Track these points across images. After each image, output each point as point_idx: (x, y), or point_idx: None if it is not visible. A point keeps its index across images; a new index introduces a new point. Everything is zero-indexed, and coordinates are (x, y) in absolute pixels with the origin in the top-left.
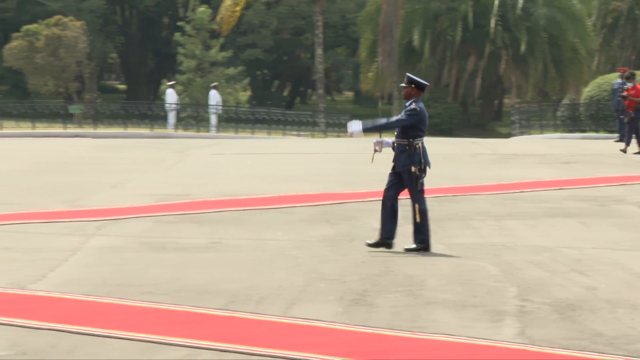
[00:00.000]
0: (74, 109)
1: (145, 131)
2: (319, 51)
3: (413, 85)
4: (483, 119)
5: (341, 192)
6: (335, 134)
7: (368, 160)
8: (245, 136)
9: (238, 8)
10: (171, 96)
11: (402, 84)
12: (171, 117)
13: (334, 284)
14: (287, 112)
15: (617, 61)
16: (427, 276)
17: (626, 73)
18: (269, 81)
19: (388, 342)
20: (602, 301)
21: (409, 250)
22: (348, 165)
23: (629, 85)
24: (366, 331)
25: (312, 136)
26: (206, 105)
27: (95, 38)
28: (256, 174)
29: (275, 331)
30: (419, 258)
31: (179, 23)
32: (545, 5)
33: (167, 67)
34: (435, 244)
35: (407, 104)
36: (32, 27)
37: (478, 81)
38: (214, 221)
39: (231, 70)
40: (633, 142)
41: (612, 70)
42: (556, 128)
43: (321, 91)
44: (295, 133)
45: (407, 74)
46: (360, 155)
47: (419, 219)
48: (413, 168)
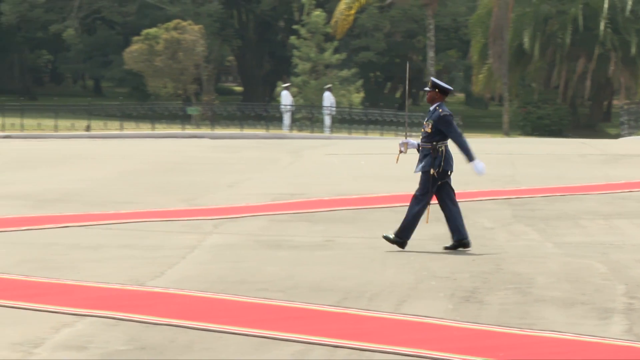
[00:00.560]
0: (192, 111)
1: (261, 132)
2: (431, 53)
3: (437, 89)
4: (592, 120)
5: None
6: None
7: (482, 160)
8: (358, 137)
9: (352, 12)
10: (286, 98)
11: (426, 88)
12: (286, 118)
13: (445, 282)
14: (399, 113)
15: None
16: (536, 274)
17: None
18: (382, 83)
19: (497, 339)
20: None
21: (386, 238)
22: (459, 165)
23: None
24: (476, 328)
25: None
26: (320, 106)
27: (212, 41)
28: (369, 174)
29: (386, 327)
30: (529, 256)
31: (295, 26)
32: None
33: (283, 70)
34: (544, 243)
35: (432, 108)
36: (152, 31)
37: (587, 83)
38: (328, 220)
39: (345, 72)
40: None
41: None
42: None
43: None
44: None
45: (432, 79)
46: None
47: (410, 219)
48: (432, 171)
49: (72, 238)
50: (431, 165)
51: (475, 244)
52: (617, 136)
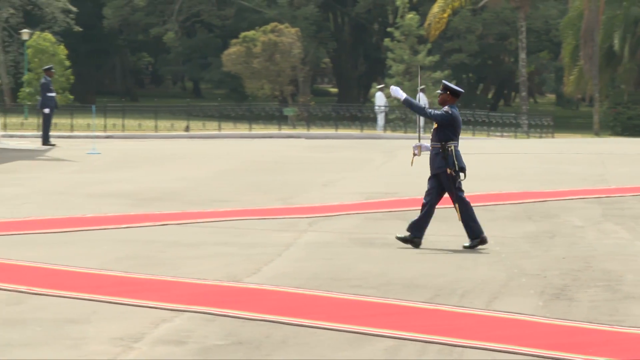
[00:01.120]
0: (288, 111)
1: (355, 132)
2: (523, 55)
3: (448, 92)
4: None
5: (543, 191)
6: (537, 135)
7: (570, 160)
8: None
9: (445, 14)
10: (380, 99)
11: (438, 91)
12: (380, 119)
13: (535, 279)
14: (491, 114)
15: None
16: (626, 271)
17: None
18: (474, 84)
19: (587, 335)
20: None
21: (467, 247)
22: (550, 164)
23: None
24: (566, 324)
25: (515, 137)
26: None
27: (309, 44)
28: None
29: (477, 323)
30: (618, 254)
31: (389, 29)
32: None
33: (377, 71)
34: (633, 241)
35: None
36: (250, 34)
37: None
38: None
39: (438, 74)
40: None
41: None
42: None
43: (524, 94)
44: (498, 134)
45: (443, 81)
46: (561, 155)
47: (461, 218)
48: (448, 170)
49: (172, 236)
50: (446, 164)
51: (565, 242)
52: None
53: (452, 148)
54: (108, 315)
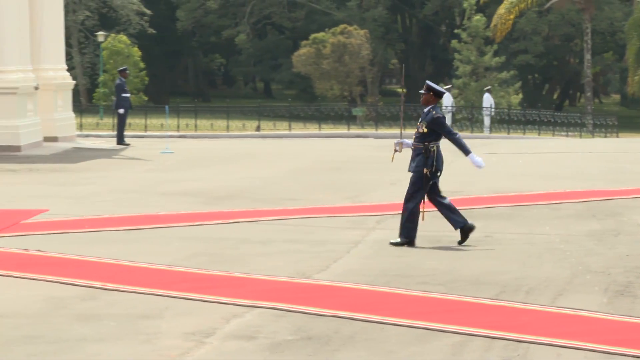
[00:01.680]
0: (357, 112)
1: None
2: (588, 56)
3: (431, 92)
4: None
5: (607, 189)
6: (602, 134)
7: (634, 159)
8: (516, 136)
9: (511, 16)
10: (447, 99)
11: (422, 91)
12: (447, 119)
13: (599, 276)
14: (557, 114)
15: None
16: None
17: None
18: (540, 85)
19: None
20: None
21: (394, 244)
22: (615, 163)
23: None
24: (629, 321)
25: (580, 136)
26: (480, 107)
27: (377, 45)
28: (526, 172)
29: (542, 320)
30: None
31: (456, 31)
32: None
33: (444, 72)
34: None
35: (426, 110)
36: (320, 36)
37: None
38: (486, 216)
39: (504, 74)
40: None
41: None
42: None
43: (589, 94)
44: (564, 133)
45: (427, 82)
46: (626, 154)
47: (409, 217)
48: (425, 170)
49: (242, 233)
50: (424, 164)
51: (629, 241)
52: None
53: (435, 149)
54: (180, 310)
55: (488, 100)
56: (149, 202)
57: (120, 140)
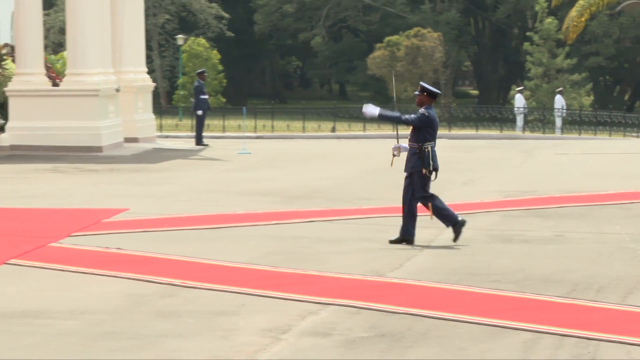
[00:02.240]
0: None
1: (495, 133)
2: None
3: (425, 93)
4: None
5: None
6: None
7: None
8: (587, 137)
9: (583, 19)
10: (519, 100)
11: (416, 92)
12: (519, 120)
13: None
14: (628, 115)
15: None
16: None
17: None
18: (611, 86)
19: None
20: None
21: (393, 242)
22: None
23: None
24: None
25: None
26: (552, 109)
27: (450, 48)
28: (597, 172)
29: (613, 318)
30: None
31: (528, 33)
32: None
33: (516, 74)
34: None
35: (420, 111)
36: (394, 38)
37: None
38: (558, 215)
39: (575, 76)
40: None
41: None
42: None
43: None
44: (635, 134)
45: (421, 83)
46: None
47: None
48: (423, 170)
49: (317, 232)
50: (422, 165)
51: None
52: None
53: (429, 149)
54: (256, 307)
55: (560, 101)
56: (227, 202)
57: (198, 141)
